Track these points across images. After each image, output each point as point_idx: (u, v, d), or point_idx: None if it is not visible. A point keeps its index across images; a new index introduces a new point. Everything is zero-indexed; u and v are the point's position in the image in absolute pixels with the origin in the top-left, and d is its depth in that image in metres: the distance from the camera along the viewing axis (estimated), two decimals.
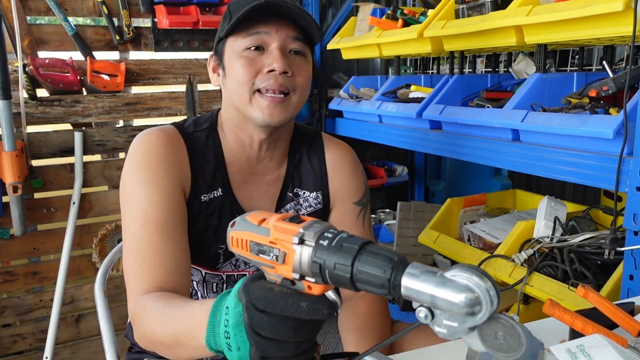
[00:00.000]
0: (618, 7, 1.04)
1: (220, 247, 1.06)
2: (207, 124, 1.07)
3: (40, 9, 2.01)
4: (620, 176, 1.05)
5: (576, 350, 0.64)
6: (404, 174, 2.59)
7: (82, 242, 2.18)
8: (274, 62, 0.95)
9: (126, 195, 0.96)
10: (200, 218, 1.02)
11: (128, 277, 0.91)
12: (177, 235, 0.94)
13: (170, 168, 0.97)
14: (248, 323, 0.54)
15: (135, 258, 0.90)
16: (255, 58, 0.97)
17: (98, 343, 2.24)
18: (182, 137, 1.02)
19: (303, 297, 0.53)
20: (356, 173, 1.16)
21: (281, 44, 0.97)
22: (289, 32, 0.98)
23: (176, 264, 0.91)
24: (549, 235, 1.36)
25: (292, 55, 0.99)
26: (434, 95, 1.66)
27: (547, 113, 1.24)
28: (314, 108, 2.44)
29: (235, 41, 0.98)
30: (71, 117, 2.09)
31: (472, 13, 1.52)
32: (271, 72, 0.96)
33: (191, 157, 1.02)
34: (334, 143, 1.17)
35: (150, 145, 0.98)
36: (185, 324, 0.70)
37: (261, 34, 0.96)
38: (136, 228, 0.92)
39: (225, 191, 1.05)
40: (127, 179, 0.96)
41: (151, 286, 0.88)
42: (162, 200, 0.93)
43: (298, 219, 0.55)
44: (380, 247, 0.51)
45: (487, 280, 0.45)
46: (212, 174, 1.04)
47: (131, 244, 0.92)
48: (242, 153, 1.06)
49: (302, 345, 0.55)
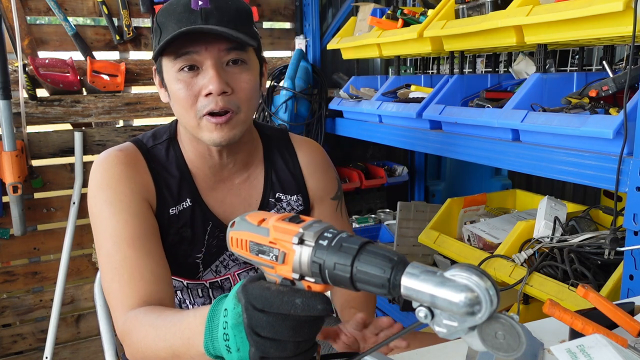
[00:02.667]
0: (618, 7, 1.04)
1: (197, 256, 1.05)
2: (166, 136, 1.05)
3: (40, 9, 2.01)
4: (620, 176, 1.05)
5: (576, 350, 0.63)
6: (404, 174, 2.58)
7: (82, 242, 2.18)
8: (209, 84, 0.90)
9: (94, 219, 0.95)
10: (172, 231, 1.01)
11: (110, 298, 0.90)
12: (151, 248, 0.93)
13: (132, 185, 0.96)
14: (247, 323, 0.54)
15: (113, 276, 0.89)
16: (191, 81, 0.92)
17: (98, 343, 2.23)
18: (141, 154, 1.01)
19: (298, 294, 0.53)
20: (329, 170, 1.18)
21: (214, 61, 0.91)
22: (220, 46, 0.91)
23: (155, 276, 0.90)
24: (549, 235, 1.36)
25: (230, 67, 0.93)
26: (434, 95, 1.66)
27: (547, 113, 1.24)
28: (314, 108, 2.43)
29: (167, 62, 0.94)
30: (71, 117, 2.10)
31: (472, 13, 1.52)
32: (210, 95, 0.91)
33: (153, 172, 1.00)
34: (303, 143, 1.17)
35: (109, 165, 0.97)
36: (181, 334, 0.69)
37: (191, 54, 0.91)
38: (108, 247, 0.91)
39: (195, 200, 1.03)
40: (91, 202, 0.96)
41: (135, 301, 0.87)
42: (129, 216, 0.93)
43: (298, 219, 0.55)
44: (379, 247, 0.51)
45: (486, 280, 0.45)
46: (178, 185, 1.02)
47: (106, 263, 0.91)
48: (203, 163, 1.04)
49: (302, 345, 0.55)
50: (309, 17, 2.52)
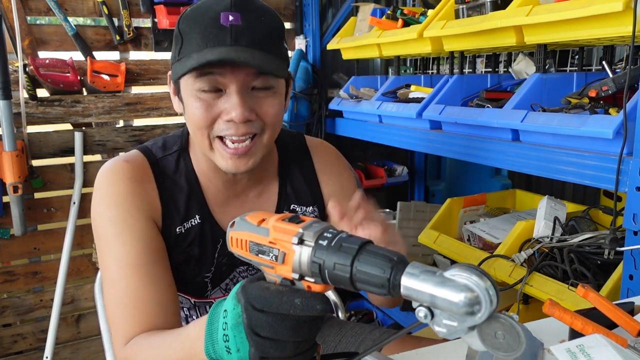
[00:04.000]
0: (618, 7, 1.04)
1: (206, 275, 1.01)
2: (177, 147, 0.98)
3: (41, 9, 2.01)
4: (620, 176, 1.05)
5: (576, 350, 0.63)
6: (404, 174, 2.58)
7: (82, 242, 2.18)
8: (232, 110, 0.83)
9: (98, 236, 0.90)
10: (178, 250, 0.96)
11: (112, 321, 0.87)
12: (157, 274, 0.88)
13: (137, 203, 0.90)
14: (247, 323, 0.54)
15: (116, 305, 0.86)
16: (212, 102, 0.85)
17: (98, 343, 2.23)
18: (149, 165, 0.95)
19: (297, 294, 0.53)
20: (345, 173, 1.12)
21: (240, 86, 0.84)
22: (248, 71, 0.83)
23: (161, 306, 0.86)
24: (549, 235, 1.36)
25: (256, 92, 0.86)
26: (434, 95, 1.66)
27: (547, 113, 1.24)
28: (314, 108, 2.43)
29: (188, 78, 0.85)
30: (71, 117, 2.10)
31: (472, 13, 1.52)
32: (231, 122, 0.85)
33: (160, 186, 0.94)
34: (318, 145, 1.12)
35: (115, 179, 0.91)
36: (182, 346, 0.68)
37: (215, 76, 0.83)
38: (113, 272, 0.87)
39: (204, 218, 0.97)
40: (96, 218, 0.91)
41: (137, 331, 0.84)
42: (134, 240, 0.87)
43: (297, 219, 0.55)
44: (379, 247, 0.51)
45: (486, 280, 0.45)
46: (186, 202, 0.96)
47: (110, 287, 0.87)
48: (216, 177, 0.97)
49: (301, 345, 0.55)
50: (309, 17, 2.52)
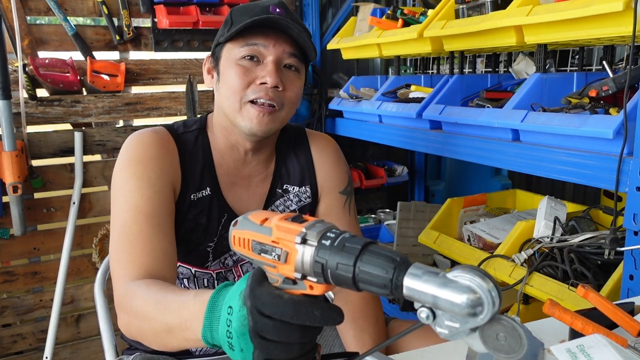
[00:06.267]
0: (618, 7, 1.04)
1: (209, 245, 1.09)
2: (196, 126, 1.10)
3: (40, 9, 2.01)
4: (620, 176, 1.05)
5: (576, 350, 0.64)
6: (404, 174, 2.59)
7: (82, 242, 2.18)
8: (267, 76, 0.98)
9: (117, 189, 0.98)
10: (190, 216, 1.05)
11: (115, 266, 0.92)
12: (166, 227, 0.96)
13: (162, 165, 1.00)
14: (252, 327, 0.54)
15: (124, 246, 0.91)
16: (250, 68, 1.00)
17: (98, 343, 2.23)
18: (172, 138, 1.05)
19: (316, 306, 0.53)
20: (340, 163, 1.20)
21: (276, 58, 1.00)
22: (285, 48, 1.00)
23: (165, 254, 0.93)
24: (549, 235, 1.36)
25: (285, 70, 1.02)
26: (434, 95, 1.66)
27: (547, 113, 1.24)
28: (314, 108, 2.44)
29: (232, 48, 1.01)
30: (71, 117, 2.09)
31: (472, 13, 1.52)
32: (263, 85, 0.98)
33: (181, 157, 1.05)
34: (318, 136, 1.21)
35: (143, 143, 1.00)
36: (179, 313, 0.69)
37: (259, 46, 0.99)
38: (126, 218, 0.94)
39: (214, 191, 1.07)
40: (118, 174, 0.99)
41: (140, 273, 0.88)
42: (153, 193, 0.96)
43: (301, 219, 0.55)
44: (382, 247, 0.51)
45: (489, 281, 0.45)
46: (201, 173, 1.06)
47: (120, 234, 0.93)
48: (230, 155, 1.09)
49: (307, 346, 0.55)
50: (309, 17, 2.52)
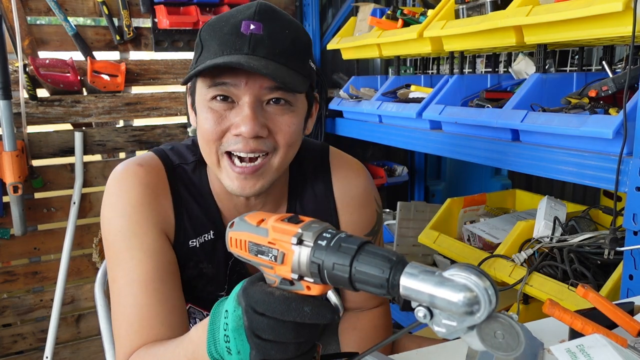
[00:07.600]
0: (618, 7, 1.04)
1: (220, 294, 0.96)
2: (194, 158, 0.92)
3: (41, 9, 2.01)
4: (620, 176, 1.05)
5: (576, 350, 0.63)
6: (404, 174, 2.58)
7: (82, 242, 2.18)
8: (242, 125, 0.78)
9: (107, 242, 0.86)
10: (191, 264, 0.91)
11: (116, 334, 0.84)
12: (166, 292, 0.83)
13: (149, 214, 0.85)
14: (247, 326, 0.54)
15: (122, 320, 0.82)
16: (222, 113, 0.80)
17: (98, 343, 2.23)
18: (165, 171, 0.89)
19: (306, 302, 0.52)
20: (368, 202, 1.01)
21: (253, 99, 0.79)
22: (263, 83, 0.78)
23: (167, 327, 0.82)
24: (549, 235, 1.35)
25: (271, 106, 0.81)
26: (434, 95, 1.66)
27: (547, 113, 1.24)
28: None
29: (202, 86, 0.81)
30: (71, 117, 2.10)
31: (472, 13, 1.52)
32: (240, 136, 0.79)
33: (175, 195, 0.89)
34: (343, 165, 1.01)
35: (127, 185, 0.85)
36: (185, 351, 0.68)
37: (228, 86, 0.79)
38: (120, 285, 0.83)
39: (219, 234, 0.92)
40: (105, 224, 0.86)
41: (142, 344, 0.81)
42: (143, 255, 0.83)
43: (297, 220, 0.55)
44: (378, 247, 0.51)
45: (485, 280, 0.45)
46: (202, 215, 0.91)
47: (116, 302, 0.84)
48: (229, 201, 0.93)
49: (303, 346, 0.55)
50: (309, 17, 2.52)
